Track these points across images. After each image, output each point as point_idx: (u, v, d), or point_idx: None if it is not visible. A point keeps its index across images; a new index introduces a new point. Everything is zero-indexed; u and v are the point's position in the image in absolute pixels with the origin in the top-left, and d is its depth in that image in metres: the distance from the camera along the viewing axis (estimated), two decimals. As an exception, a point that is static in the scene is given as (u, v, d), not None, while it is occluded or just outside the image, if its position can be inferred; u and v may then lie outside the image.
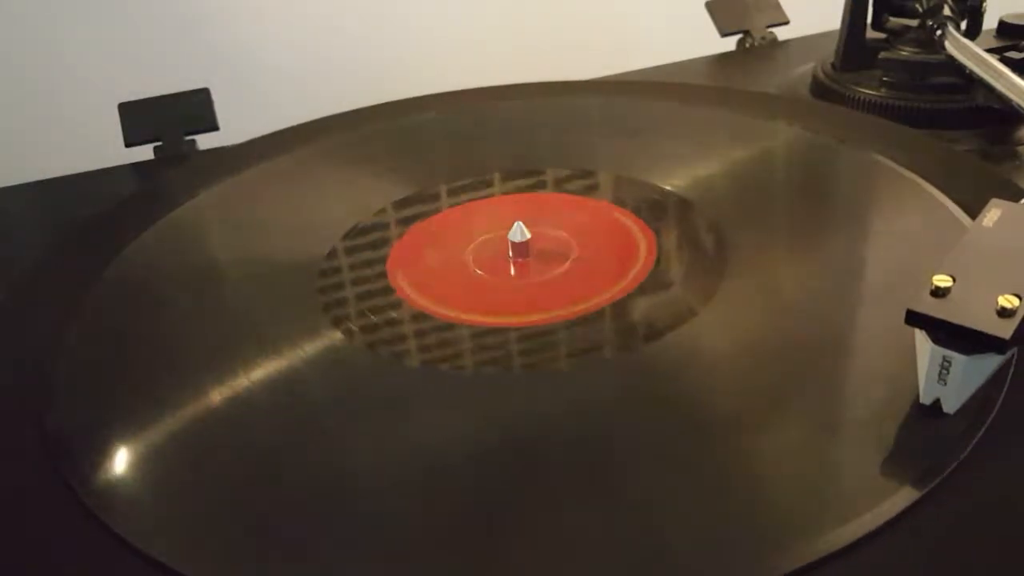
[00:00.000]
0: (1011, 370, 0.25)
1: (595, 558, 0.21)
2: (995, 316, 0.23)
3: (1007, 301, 0.23)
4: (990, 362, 0.24)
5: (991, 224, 0.27)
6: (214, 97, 0.51)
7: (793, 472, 0.24)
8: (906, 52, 0.48)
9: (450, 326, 0.31)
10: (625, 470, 0.24)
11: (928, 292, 0.24)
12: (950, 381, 0.23)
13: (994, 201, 0.28)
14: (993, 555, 0.21)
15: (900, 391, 0.25)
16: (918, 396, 0.24)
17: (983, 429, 0.23)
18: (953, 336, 0.23)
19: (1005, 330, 0.22)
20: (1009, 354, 0.24)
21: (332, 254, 0.36)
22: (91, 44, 0.68)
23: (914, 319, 0.24)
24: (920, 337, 0.24)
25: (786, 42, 0.62)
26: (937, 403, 0.24)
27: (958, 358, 0.23)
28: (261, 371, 0.29)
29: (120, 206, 0.41)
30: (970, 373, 0.23)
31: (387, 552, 0.22)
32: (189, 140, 0.50)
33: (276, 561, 0.22)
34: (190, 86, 0.51)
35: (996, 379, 0.25)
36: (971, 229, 0.27)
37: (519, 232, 0.34)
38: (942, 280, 0.24)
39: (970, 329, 0.23)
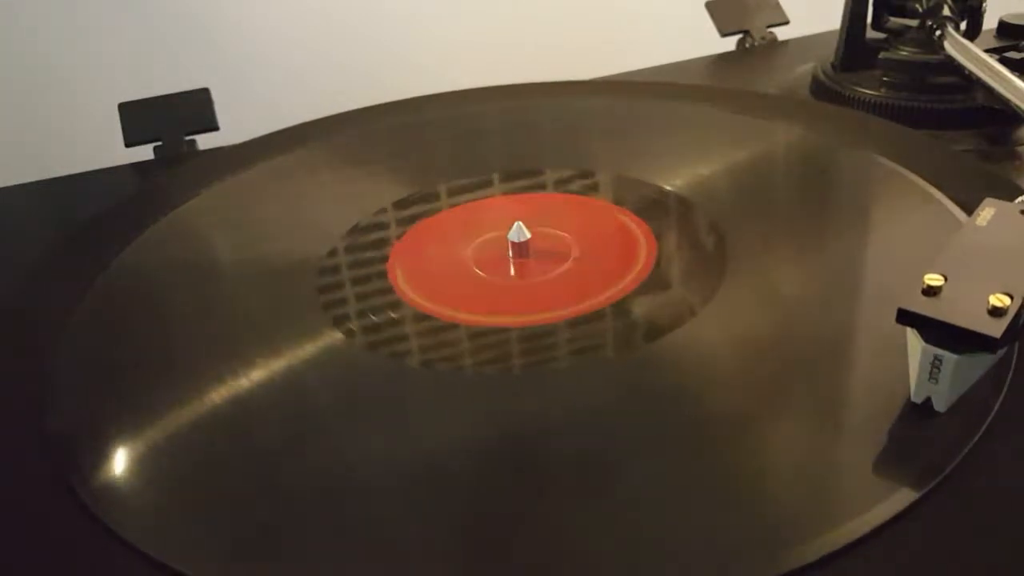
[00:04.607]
0: (1010, 370, 0.25)
1: (595, 557, 0.21)
2: (986, 315, 0.23)
3: (998, 300, 0.23)
4: (982, 361, 0.24)
5: (984, 223, 0.27)
6: (214, 97, 0.51)
7: (792, 472, 0.24)
8: (906, 52, 0.48)
9: (450, 326, 0.31)
10: (624, 470, 0.24)
11: (919, 291, 0.24)
12: (941, 380, 0.23)
13: (988, 200, 0.28)
14: (992, 555, 0.21)
15: (901, 391, 0.25)
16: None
17: (983, 429, 0.23)
18: (944, 335, 0.23)
19: (996, 329, 0.22)
20: (1001, 353, 0.24)
21: (332, 254, 0.36)
22: (92, 44, 0.68)
23: (905, 318, 0.24)
24: (912, 336, 0.24)
25: (786, 42, 0.62)
26: (928, 402, 0.24)
27: (949, 357, 0.23)
28: (261, 371, 0.29)
29: (120, 206, 0.41)
30: (961, 372, 0.23)
31: (387, 552, 0.22)
32: (189, 140, 0.50)
33: (276, 561, 0.22)
34: (190, 86, 0.51)
35: (995, 379, 0.25)
36: (964, 228, 0.27)
37: (519, 232, 0.34)
38: (933, 279, 0.24)
39: (961, 328, 0.23)
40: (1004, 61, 0.44)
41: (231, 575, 0.22)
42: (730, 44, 0.62)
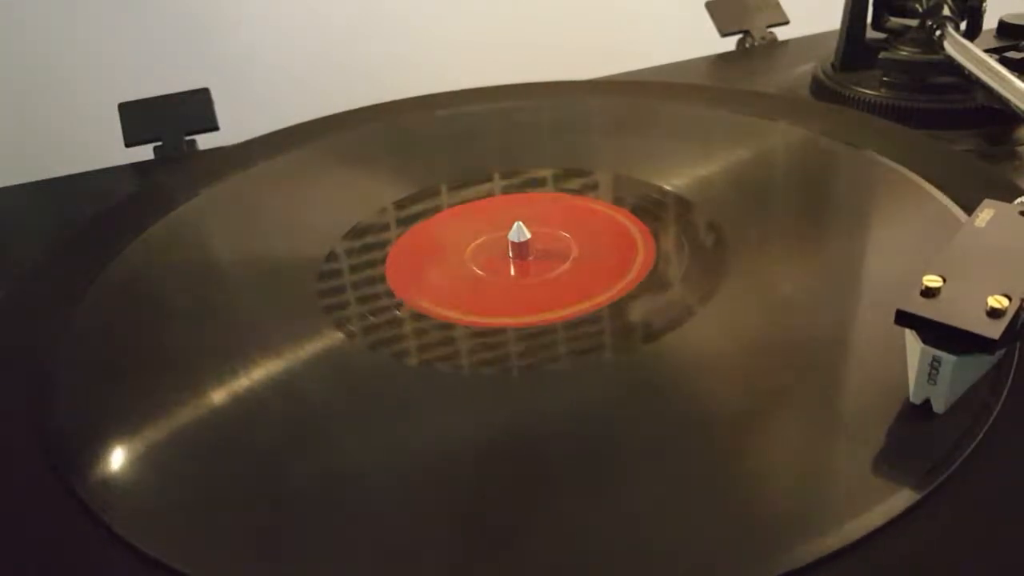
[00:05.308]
0: (1011, 372, 0.25)
1: (593, 558, 0.21)
2: (984, 316, 0.23)
3: (997, 302, 0.23)
4: (981, 362, 0.24)
5: (983, 224, 0.27)
6: (214, 97, 0.51)
7: (792, 472, 0.24)
8: (906, 52, 0.48)
9: (450, 326, 0.31)
10: (623, 470, 0.24)
11: (918, 292, 0.24)
12: (940, 381, 0.23)
13: (987, 201, 0.28)
14: (993, 556, 0.21)
15: (900, 391, 0.25)
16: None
17: (983, 430, 0.23)
18: (942, 336, 0.23)
19: (994, 330, 0.22)
20: (1000, 355, 0.24)
21: (332, 254, 0.36)
22: (91, 44, 0.68)
23: (904, 319, 0.23)
24: (910, 337, 0.24)
25: (786, 42, 0.62)
26: (927, 403, 0.24)
27: (947, 358, 0.23)
28: (261, 371, 0.29)
29: (120, 206, 0.41)
30: (960, 373, 0.23)
31: (387, 552, 0.22)
32: (189, 140, 0.50)
33: (276, 561, 0.22)
34: (190, 86, 0.51)
35: (995, 380, 0.25)
36: (963, 229, 0.27)
37: (519, 232, 0.34)
38: (932, 280, 0.24)
39: (959, 329, 0.23)
40: (1004, 61, 0.44)
41: (231, 575, 0.22)
42: (730, 44, 0.62)
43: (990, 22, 0.48)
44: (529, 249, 0.34)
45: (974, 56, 0.43)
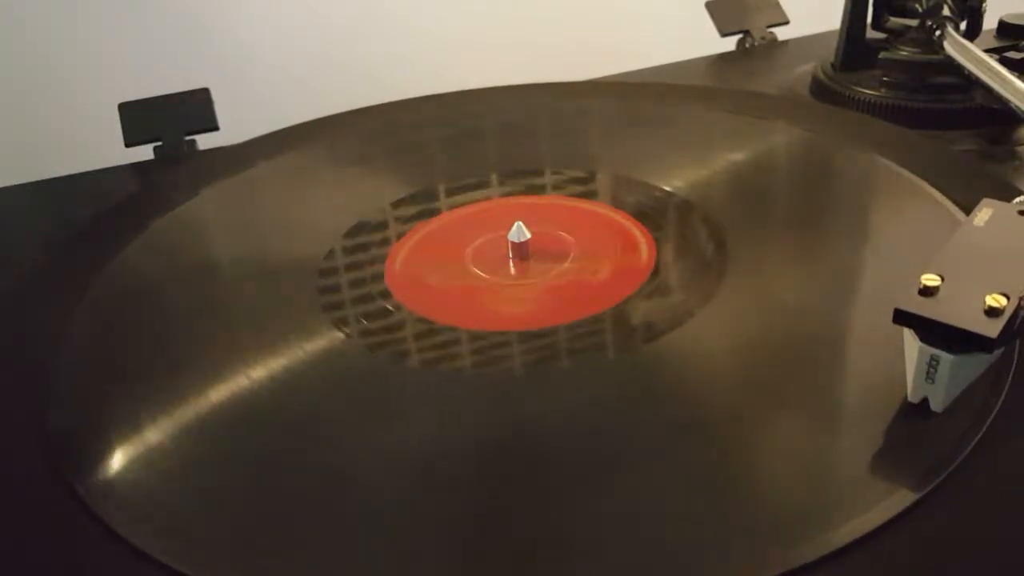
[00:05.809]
0: (1010, 370, 0.25)
1: (593, 557, 0.21)
2: (982, 315, 0.23)
3: (995, 300, 0.23)
4: (979, 361, 0.24)
5: (981, 224, 0.27)
6: (214, 97, 0.51)
7: (791, 471, 0.24)
8: (906, 52, 0.48)
9: (449, 327, 0.31)
10: (623, 471, 0.24)
11: (916, 291, 0.24)
12: (938, 380, 0.23)
13: (985, 200, 0.28)
14: (992, 556, 0.21)
15: (900, 391, 0.25)
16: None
17: (983, 429, 0.23)
18: (940, 335, 0.23)
19: (992, 329, 0.22)
20: (998, 354, 0.24)
21: (332, 254, 0.36)
22: (91, 44, 0.68)
23: (902, 318, 0.24)
24: (909, 336, 0.24)
25: (786, 42, 0.62)
26: (925, 402, 0.24)
27: (945, 357, 0.23)
28: (261, 371, 0.29)
29: (120, 206, 0.41)
30: (958, 372, 0.23)
31: (386, 552, 0.22)
32: (189, 140, 0.50)
33: (276, 561, 0.22)
34: (190, 86, 0.51)
35: (995, 379, 0.25)
36: (961, 228, 0.27)
37: (519, 232, 0.34)
38: (930, 279, 0.24)
39: (957, 328, 0.23)
40: (1004, 61, 0.44)
41: (231, 574, 0.22)
42: (730, 44, 0.62)
43: (990, 22, 0.48)
44: (529, 249, 0.34)
45: (974, 56, 0.43)
